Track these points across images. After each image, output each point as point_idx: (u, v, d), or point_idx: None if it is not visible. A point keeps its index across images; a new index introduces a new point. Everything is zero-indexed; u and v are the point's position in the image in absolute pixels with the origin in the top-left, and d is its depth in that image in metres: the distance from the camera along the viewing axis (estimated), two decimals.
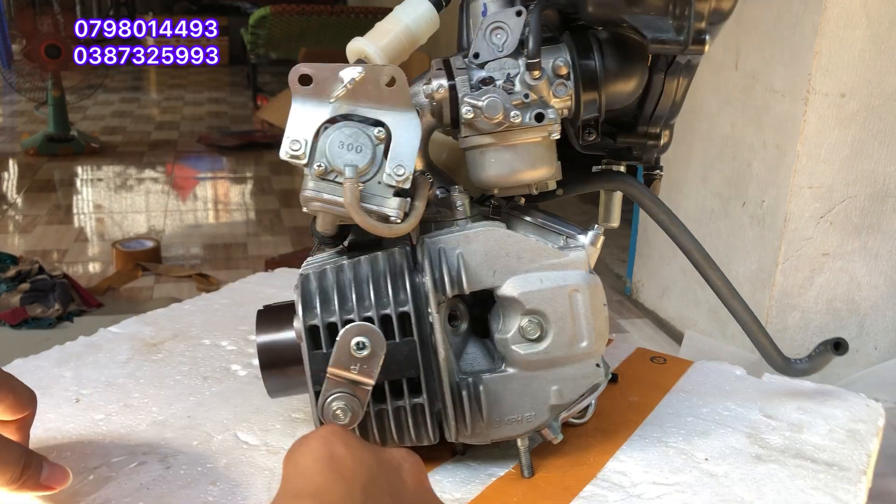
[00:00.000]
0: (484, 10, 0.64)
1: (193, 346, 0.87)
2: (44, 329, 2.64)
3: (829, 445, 0.73)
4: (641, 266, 2.80)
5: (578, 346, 0.62)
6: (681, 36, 0.59)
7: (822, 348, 0.74)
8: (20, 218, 3.85)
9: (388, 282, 0.60)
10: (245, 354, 0.85)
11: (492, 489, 0.63)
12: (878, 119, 1.93)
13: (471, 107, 0.59)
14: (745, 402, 0.79)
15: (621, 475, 0.66)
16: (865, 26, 1.85)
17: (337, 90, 0.58)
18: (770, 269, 2.08)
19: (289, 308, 0.63)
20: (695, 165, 2.42)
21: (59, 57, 4.61)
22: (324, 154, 0.58)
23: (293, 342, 0.61)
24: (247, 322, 0.92)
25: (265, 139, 5.19)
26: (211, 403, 0.75)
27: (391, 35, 0.65)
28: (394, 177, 0.57)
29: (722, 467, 0.68)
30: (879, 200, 2.00)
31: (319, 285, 0.60)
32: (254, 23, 6.12)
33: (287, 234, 3.68)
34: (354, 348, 0.56)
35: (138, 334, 0.89)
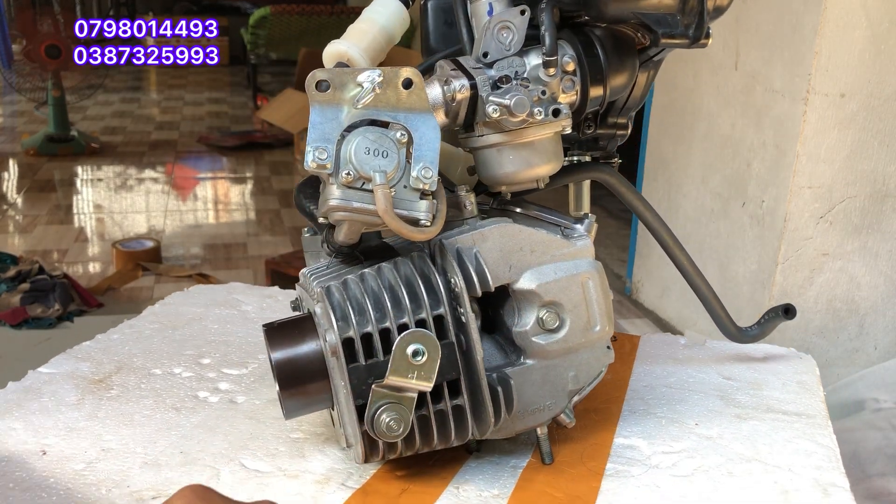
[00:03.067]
0: (490, 10, 0.63)
1: (145, 377, 0.81)
2: (44, 329, 2.64)
3: (789, 398, 0.81)
4: (641, 266, 2.80)
5: (593, 330, 0.64)
6: (689, 31, 0.62)
7: (772, 314, 0.80)
8: (20, 218, 3.85)
9: (420, 285, 0.59)
10: (206, 380, 0.81)
11: (524, 480, 0.65)
12: (878, 119, 1.93)
13: (497, 105, 0.59)
14: (703, 368, 0.88)
15: (632, 449, 0.71)
16: (865, 26, 1.85)
17: (363, 96, 0.57)
18: (770, 269, 2.08)
19: (298, 323, 0.62)
20: (695, 165, 2.42)
21: (59, 57, 4.61)
22: (349, 161, 0.55)
23: (314, 357, 0.60)
24: (190, 346, 0.87)
25: (265, 139, 5.19)
26: (197, 435, 0.71)
27: (370, 36, 0.64)
28: (422, 179, 0.56)
29: (713, 430, 0.74)
30: (879, 200, 2.00)
31: (348, 296, 0.59)
32: (254, 23, 6.12)
33: (287, 234, 3.68)
34: (411, 356, 0.56)
35: (76, 372, 0.81)
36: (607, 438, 0.72)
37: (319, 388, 0.60)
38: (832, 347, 2.10)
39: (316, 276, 0.63)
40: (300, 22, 6.00)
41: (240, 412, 0.74)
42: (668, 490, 0.65)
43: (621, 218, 3.49)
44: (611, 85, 0.64)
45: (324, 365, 0.59)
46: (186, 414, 0.74)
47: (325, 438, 0.70)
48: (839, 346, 2.10)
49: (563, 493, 0.63)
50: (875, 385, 2.03)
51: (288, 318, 0.64)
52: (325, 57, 0.64)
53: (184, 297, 1.02)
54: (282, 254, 3.23)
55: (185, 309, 0.98)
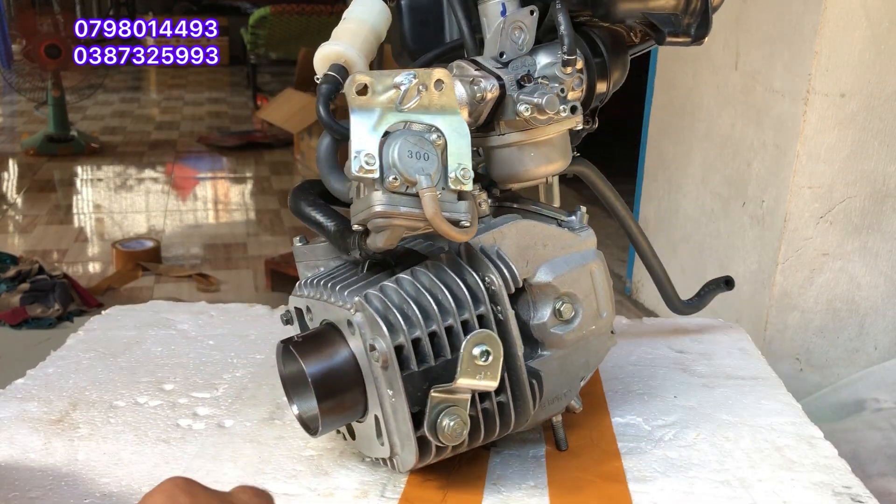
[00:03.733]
0: (503, 10, 0.64)
1: (110, 410, 0.75)
2: (44, 329, 2.64)
3: (739, 364, 0.88)
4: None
5: (601, 317, 0.67)
6: (691, 30, 0.65)
7: (713, 286, 0.84)
8: (20, 218, 3.85)
9: (460, 286, 0.59)
10: (180, 407, 0.76)
11: (552, 469, 0.68)
12: (878, 119, 1.93)
13: (528, 104, 0.60)
14: (654, 344, 0.93)
15: (632, 427, 0.75)
16: (865, 26, 1.85)
17: (408, 98, 0.56)
18: (770, 269, 2.08)
19: (322, 336, 0.60)
20: (695, 165, 2.42)
21: (59, 57, 4.61)
22: (393, 166, 0.54)
23: (349, 369, 0.59)
24: (142, 372, 0.83)
25: (265, 139, 5.19)
26: (203, 466, 0.67)
27: (362, 36, 0.64)
28: (461, 180, 0.56)
29: (691, 400, 0.80)
30: (879, 200, 2.00)
31: (391, 302, 0.58)
32: (254, 23, 6.11)
33: (287, 234, 3.68)
34: (479, 357, 0.56)
35: (26, 414, 0.75)
36: (605, 419, 0.76)
37: (354, 400, 0.59)
38: (832, 347, 2.10)
39: (340, 285, 0.61)
40: (300, 22, 6.00)
41: (236, 436, 0.71)
42: (681, 460, 0.69)
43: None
44: (612, 81, 0.66)
45: (357, 376, 0.59)
46: (179, 444, 0.70)
47: (338, 453, 0.68)
48: (839, 346, 2.10)
49: (595, 476, 0.67)
50: (875, 385, 2.03)
51: (309, 332, 0.62)
52: (321, 59, 0.63)
53: (107, 321, 0.95)
54: (282, 254, 3.23)
55: (116, 333, 0.92)
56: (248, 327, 0.93)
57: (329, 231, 0.62)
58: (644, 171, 2.76)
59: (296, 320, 0.68)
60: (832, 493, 0.66)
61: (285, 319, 0.68)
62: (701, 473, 0.68)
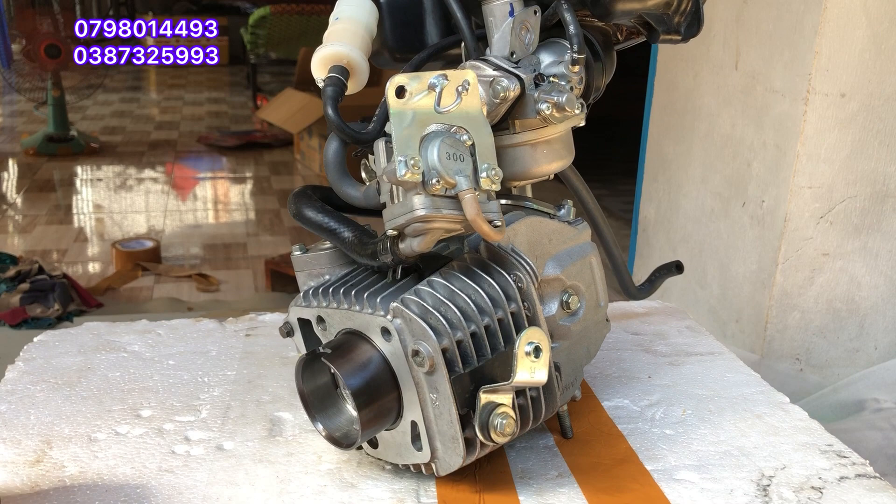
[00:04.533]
0: (511, 10, 0.64)
1: (91, 445, 0.69)
2: (43, 329, 2.64)
3: (692, 342, 0.93)
4: (641, 266, 2.80)
5: (600, 306, 0.69)
6: (681, 28, 0.66)
7: (663, 271, 0.87)
8: (20, 218, 3.85)
9: (493, 285, 0.60)
10: (168, 433, 0.71)
11: (568, 456, 0.69)
12: (878, 119, 1.93)
13: (549, 103, 0.60)
14: (611, 331, 0.95)
15: (624, 409, 0.77)
16: (865, 26, 1.85)
17: (450, 101, 0.56)
18: (770, 269, 2.08)
19: (350, 346, 0.59)
20: (695, 165, 2.42)
21: (59, 57, 4.61)
22: (434, 168, 0.54)
23: (385, 377, 0.58)
24: (109, 400, 0.77)
25: (265, 139, 5.19)
26: (223, 493, 0.63)
27: (359, 36, 0.63)
28: (493, 180, 0.56)
29: (665, 379, 0.83)
30: (879, 200, 2.00)
31: (429, 305, 0.57)
32: (254, 23, 6.11)
33: (287, 234, 3.68)
34: (532, 354, 0.56)
35: None
36: (596, 404, 0.78)
37: (389, 408, 0.59)
38: (832, 347, 2.10)
39: (366, 292, 0.59)
40: (300, 22, 6.00)
41: (243, 458, 0.68)
42: (680, 436, 0.73)
43: (622, 218, 3.49)
44: (605, 78, 0.67)
45: (392, 383, 0.58)
46: (185, 473, 0.66)
47: (356, 463, 0.67)
48: (839, 346, 2.10)
49: (610, 459, 0.68)
50: (875, 385, 2.03)
51: (335, 342, 0.61)
52: (321, 61, 0.62)
53: (46, 349, 0.88)
54: (281, 254, 3.23)
55: (61, 361, 0.85)
56: (205, 344, 0.89)
57: (345, 238, 0.61)
58: (644, 171, 2.76)
59: (298, 332, 0.66)
60: (819, 452, 0.71)
61: (286, 332, 0.66)
62: (702, 447, 0.71)
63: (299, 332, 0.66)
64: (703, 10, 0.66)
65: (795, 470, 0.68)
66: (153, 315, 0.73)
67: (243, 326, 0.94)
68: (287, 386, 0.79)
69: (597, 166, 4.27)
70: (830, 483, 0.66)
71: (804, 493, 0.64)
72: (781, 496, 0.64)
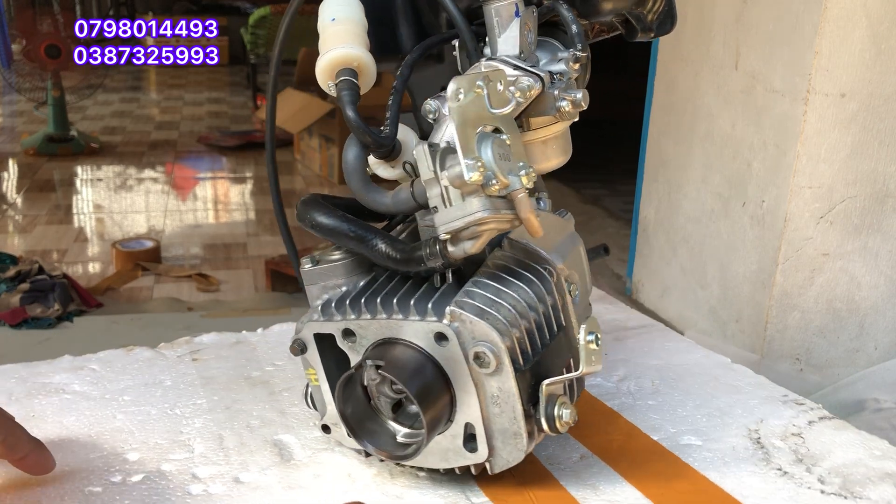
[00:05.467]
0: (517, 10, 0.64)
1: (93, 499, 0.62)
2: (43, 329, 2.64)
3: (622, 317, 0.96)
4: (641, 266, 2.80)
5: (588, 293, 0.70)
6: (653, 25, 0.68)
7: (591, 255, 0.88)
8: (20, 218, 3.85)
9: (534, 281, 0.60)
10: (168, 475, 0.65)
11: (581, 438, 0.70)
12: (878, 119, 1.93)
13: (569, 101, 0.61)
14: None
15: (602, 387, 0.81)
16: (865, 26, 1.85)
17: (505, 102, 0.56)
18: (770, 269, 2.08)
19: (401, 356, 0.58)
20: (695, 165, 2.42)
21: (59, 57, 4.61)
22: (490, 169, 0.53)
23: (439, 383, 0.58)
24: (81, 450, 0.68)
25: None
26: None
27: (361, 37, 0.62)
28: (530, 178, 0.55)
29: (620, 354, 0.86)
30: (879, 200, 2.00)
31: (486, 307, 0.57)
32: (254, 23, 6.12)
33: None
34: (593, 343, 0.58)
35: None
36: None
37: (444, 413, 0.59)
38: (832, 347, 2.10)
39: (413, 298, 0.58)
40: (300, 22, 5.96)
41: (271, 488, 0.64)
42: (665, 405, 0.76)
43: (621, 218, 3.49)
44: (588, 74, 0.67)
45: (446, 388, 0.58)
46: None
47: (388, 475, 0.65)
48: (839, 346, 2.10)
49: (622, 436, 0.70)
50: (875, 385, 2.03)
51: (381, 354, 0.59)
52: (330, 65, 0.59)
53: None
54: (281, 254, 3.23)
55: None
56: (153, 374, 0.82)
57: (375, 245, 0.59)
58: (644, 171, 2.76)
59: (314, 349, 0.63)
60: (781, 403, 0.76)
61: (299, 349, 0.63)
62: (689, 412, 0.74)
63: (315, 349, 0.63)
64: (675, 7, 0.67)
65: (771, 421, 0.73)
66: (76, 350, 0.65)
67: (184, 351, 0.86)
68: (270, 407, 0.75)
69: (597, 166, 4.28)
70: (804, 428, 0.72)
71: (790, 440, 0.70)
72: (775, 446, 0.69)
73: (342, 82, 0.59)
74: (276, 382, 0.79)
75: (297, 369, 0.78)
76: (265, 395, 0.77)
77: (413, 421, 0.61)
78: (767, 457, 0.68)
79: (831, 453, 0.68)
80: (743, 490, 0.63)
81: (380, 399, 0.60)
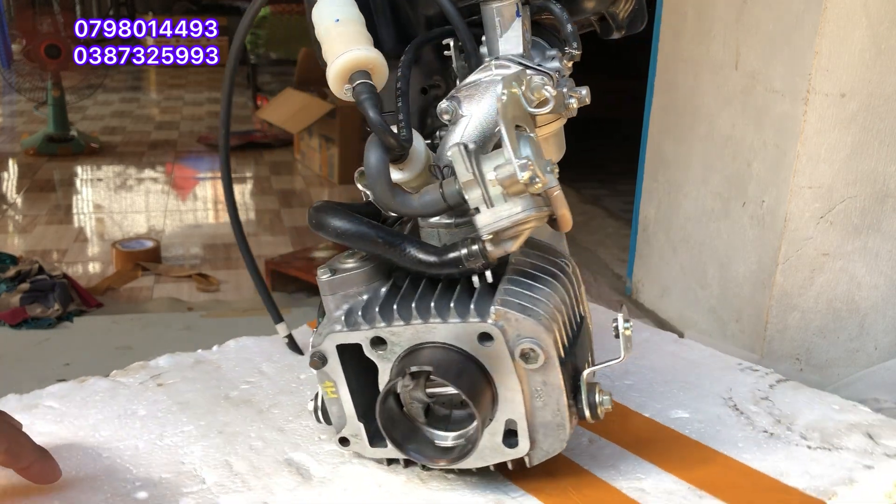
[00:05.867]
0: (518, 11, 0.64)
1: None
2: (43, 329, 2.64)
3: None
4: (641, 266, 2.80)
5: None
6: (624, 24, 0.70)
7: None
8: (20, 218, 3.85)
9: (559, 273, 0.61)
10: None
11: (584, 424, 0.70)
12: (878, 119, 1.93)
13: (576, 98, 0.62)
14: None
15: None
16: (865, 26, 1.85)
17: (547, 103, 0.57)
18: (770, 269, 2.08)
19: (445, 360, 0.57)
20: (695, 165, 2.42)
21: (59, 57, 4.61)
22: (537, 168, 0.54)
23: (484, 382, 0.58)
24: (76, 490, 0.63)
25: (265, 139, 5.19)
26: None
27: (367, 36, 0.61)
28: (555, 174, 0.56)
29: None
30: (879, 200, 2.00)
31: (528, 304, 0.57)
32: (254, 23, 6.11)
33: (287, 234, 3.68)
34: (629, 330, 0.60)
35: None
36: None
37: (490, 412, 0.59)
38: (832, 347, 2.10)
39: (453, 301, 0.58)
40: (300, 22, 6.00)
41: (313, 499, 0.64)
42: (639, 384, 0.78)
43: (621, 218, 3.49)
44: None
45: (490, 387, 0.58)
46: None
47: (419, 480, 0.65)
48: (839, 346, 2.10)
49: (617, 416, 0.72)
50: (875, 385, 2.03)
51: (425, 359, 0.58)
52: (344, 68, 0.58)
53: None
54: (282, 254, 3.23)
55: None
56: (120, 404, 0.75)
57: (406, 250, 0.58)
58: (644, 171, 2.76)
59: (336, 360, 0.61)
60: (739, 371, 0.81)
61: (321, 361, 0.61)
62: (665, 388, 0.77)
63: (337, 361, 0.61)
64: (645, 7, 0.70)
65: (738, 389, 0.77)
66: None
67: (143, 377, 0.80)
68: (266, 426, 0.72)
69: (597, 166, 4.28)
70: (769, 392, 0.77)
71: (762, 404, 0.75)
72: (752, 411, 0.74)
73: (360, 86, 0.57)
74: (259, 400, 0.76)
75: (275, 385, 0.78)
76: (254, 414, 0.74)
77: (447, 424, 0.61)
78: (751, 421, 0.72)
79: (800, 412, 0.74)
80: (743, 454, 0.67)
81: (412, 405, 0.60)
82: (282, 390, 0.78)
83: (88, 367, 0.87)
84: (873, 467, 0.66)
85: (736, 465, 0.66)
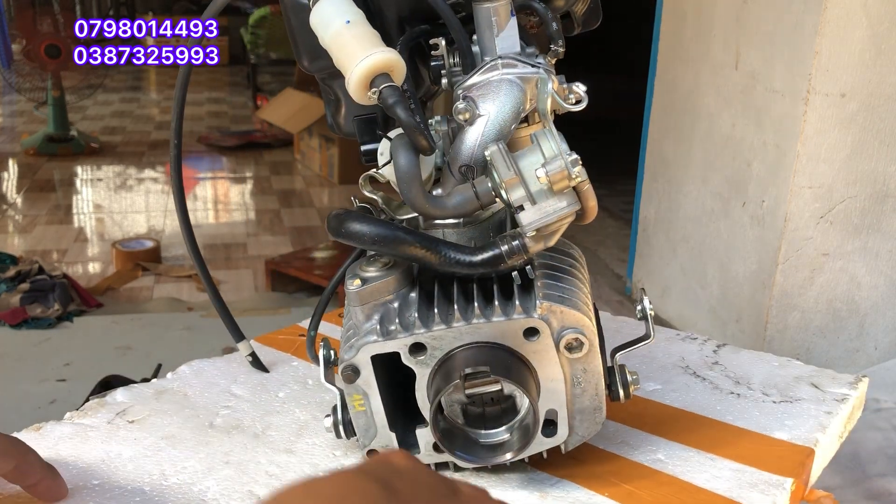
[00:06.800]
0: (512, 11, 0.64)
1: None
2: (43, 329, 2.64)
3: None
4: (641, 266, 2.80)
5: None
6: (580, 20, 0.71)
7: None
8: (20, 218, 3.85)
9: (575, 262, 0.63)
10: None
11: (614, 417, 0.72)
12: (878, 119, 1.93)
13: (574, 94, 0.62)
14: None
15: None
16: (865, 26, 1.85)
17: (575, 101, 0.59)
18: (770, 269, 2.08)
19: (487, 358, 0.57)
20: (695, 165, 2.42)
21: (59, 57, 4.61)
22: (579, 163, 0.55)
23: (528, 375, 0.58)
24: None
25: (265, 139, 5.19)
26: None
27: (378, 37, 0.60)
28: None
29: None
30: (879, 200, 2.00)
31: (566, 296, 0.58)
32: (254, 23, 6.12)
33: (287, 234, 3.68)
34: (652, 311, 0.64)
35: None
36: None
37: (532, 384, 0.59)
38: (832, 347, 2.10)
39: (497, 301, 0.58)
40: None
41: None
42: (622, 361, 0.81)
43: (621, 218, 3.49)
44: None
45: (533, 380, 0.58)
46: None
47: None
48: (839, 346, 2.10)
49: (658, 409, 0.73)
50: (875, 385, 2.02)
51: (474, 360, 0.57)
52: (367, 71, 0.56)
53: None
54: (282, 254, 3.23)
55: None
56: (97, 447, 0.68)
57: (444, 252, 0.57)
58: (644, 171, 2.76)
59: (370, 372, 0.59)
60: (680, 340, 0.84)
61: (354, 372, 0.59)
62: (638, 365, 0.77)
63: (371, 372, 0.59)
64: (600, 6, 0.70)
65: (692, 358, 0.80)
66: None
67: (108, 416, 0.72)
68: (271, 450, 0.68)
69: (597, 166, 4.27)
70: (714, 355, 0.81)
71: (715, 368, 0.79)
72: (711, 376, 0.77)
73: (386, 89, 0.56)
74: (249, 424, 0.71)
75: (256, 407, 0.73)
76: (251, 439, 0.69)
77: (484, 422, 0.61)
78: (716, 386, 0.76)
79: (751, 372, 0.78)
80: (726, 416, 0.70)
81: (452, 407, 0.60)
82: (267, 411, 0.73)
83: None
84: (832, 413, 0.71)
85: (725, 426, 0.69)
